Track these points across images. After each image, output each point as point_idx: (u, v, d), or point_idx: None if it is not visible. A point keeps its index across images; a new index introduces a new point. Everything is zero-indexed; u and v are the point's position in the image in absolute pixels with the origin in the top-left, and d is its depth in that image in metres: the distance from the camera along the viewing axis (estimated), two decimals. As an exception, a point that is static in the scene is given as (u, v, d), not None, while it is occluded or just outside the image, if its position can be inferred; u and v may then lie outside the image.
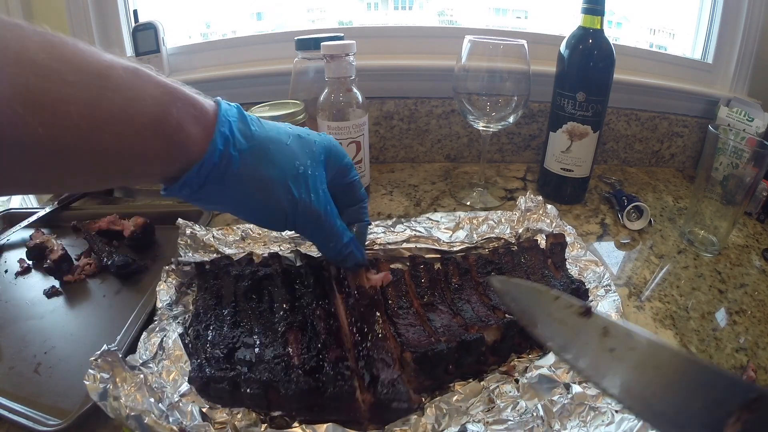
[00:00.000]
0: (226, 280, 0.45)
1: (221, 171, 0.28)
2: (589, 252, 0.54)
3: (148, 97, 0.25)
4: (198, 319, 0.42)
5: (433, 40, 0.86)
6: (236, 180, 0.29)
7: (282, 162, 0.31)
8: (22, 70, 0.20)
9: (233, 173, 0.29)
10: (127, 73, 0.24)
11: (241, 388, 0.35)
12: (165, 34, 0.82)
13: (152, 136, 0.25)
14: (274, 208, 0.31)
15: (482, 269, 0.49)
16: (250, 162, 0.29)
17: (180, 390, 0.36)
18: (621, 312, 0.44)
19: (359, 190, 0.40)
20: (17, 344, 0.45)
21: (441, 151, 0.89)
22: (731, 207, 0.58)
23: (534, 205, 0.59)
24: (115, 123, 0.24)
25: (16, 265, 0.58)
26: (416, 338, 0.38)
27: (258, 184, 0.30)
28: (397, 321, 0.40)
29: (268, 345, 0.38)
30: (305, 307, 0.40)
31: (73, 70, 0.22)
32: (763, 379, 0.42)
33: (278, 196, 0.31)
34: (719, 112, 0.81)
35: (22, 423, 0.36)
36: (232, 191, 0.29)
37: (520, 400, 0.37)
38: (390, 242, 0.55)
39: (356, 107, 0.64)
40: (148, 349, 0.39)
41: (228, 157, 0.28)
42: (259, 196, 0.30)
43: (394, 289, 0.44)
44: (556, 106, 0.68)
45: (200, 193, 0.28)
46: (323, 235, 0.35)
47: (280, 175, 0.30)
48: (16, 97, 0.20)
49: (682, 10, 0.89)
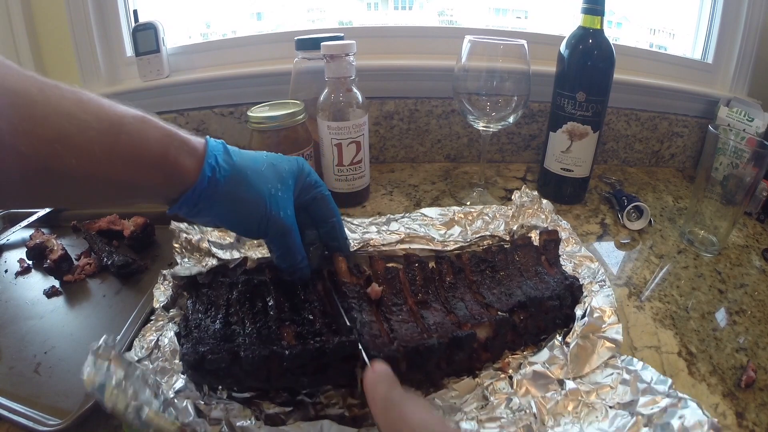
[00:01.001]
0: (219, 288, 0.45)
1: (210, 192, 0.36)
2: (584, 248, 0.54)
3: (151, 140, 0.33)
4: (188, 321, 0.42)
5: (433, 40, 0.86)
6: (222, 198, 0.36)
7: (257, 185, 0.38)
8: (60, 120, 0.28)
9: (220, 193, 0.36)
10: (136, 120, 0.32)
11: (242, 354, 0.35)
12: (165, 34, 0.82)
13: (155, 168, 0.33)
14: (251, 220, 0.39)
15: (476, 267, 0.49)
16: (232, 184, 0.37)
17: (175, 387, 0.36)
18: (615, 307, 0.44)
19: (328, 204, 0.46)
20: (17, 344, 0.45)
21: (441, 151, 0.89)
22: (731, 207, 0.58)
23: (529, 200, 0.59)
24: (127, 159, 0.31)
25: (16, 265, 0.58)
26: (408, 334, 0.39)
27: (238, 202, 0.38)
28: (391, 317, 0.41)
29: (264, 337, 0.38)
30: (298, 307, 0.41)
31: (97, 120, 0.30)
32: (763, 379, 0.42)
33: (254, 211, 0.38)
34: (719, 112, 0.81)
35: (22, 423, 0.36)
36: (219, 207, 0.37)
37: (513, 396, 0.37)
38: (384, 243, 0.55)
39: (356, 107, 0.64)
40: (144, 347, 0.40)
41: (215, 182, 0.36)
42: (240, 210, 0.38)
43: (388, 287, 0.44)
44: (556, 106, 0.68)
45: (196, 209, 0.36)
46: (285, 248, 0.41)
47: (255, 195, 0.38)
48: (58, 140, 0.28)
49: (682, 10, 0.89)
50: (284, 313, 0.40)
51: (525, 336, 0.43)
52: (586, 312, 0.43)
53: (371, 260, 0.48)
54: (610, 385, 0.37)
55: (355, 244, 0.54)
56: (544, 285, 0.47)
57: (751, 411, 0.39)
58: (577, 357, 0.39)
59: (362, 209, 0.70)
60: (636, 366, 0.38)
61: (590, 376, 0.38)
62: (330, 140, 0.65)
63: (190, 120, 0.85)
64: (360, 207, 0.71)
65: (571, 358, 0.39)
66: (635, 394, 0.36)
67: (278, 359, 0.35)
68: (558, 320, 0.45)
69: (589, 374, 0.38)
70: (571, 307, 0.45)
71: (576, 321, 0.43)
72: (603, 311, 0.43)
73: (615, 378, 0.37)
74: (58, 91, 0.29)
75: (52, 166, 0.28)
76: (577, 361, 0.39)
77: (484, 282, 0.47)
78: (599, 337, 0.41)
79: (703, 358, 0.44)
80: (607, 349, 0.40)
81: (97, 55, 0.82)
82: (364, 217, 0.61)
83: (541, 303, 0.44)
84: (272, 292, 0.42)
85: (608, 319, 0.42)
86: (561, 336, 0.42)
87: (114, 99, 0.32)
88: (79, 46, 0.80)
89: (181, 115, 0.85)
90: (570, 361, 0.39)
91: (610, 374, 0.38)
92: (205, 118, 0.85)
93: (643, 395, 0.35)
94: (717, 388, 0.41)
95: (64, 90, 0.29)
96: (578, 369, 0.39)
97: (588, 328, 0.41)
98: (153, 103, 0.84)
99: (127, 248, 0.61)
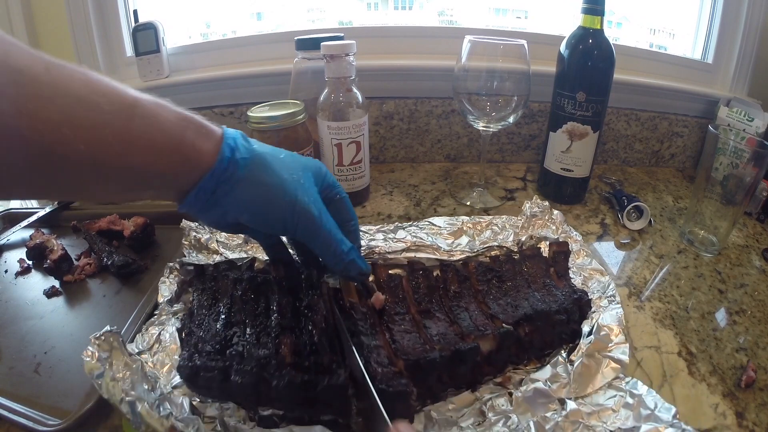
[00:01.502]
0: (224, 282, 0.44)
1: (229, 175, 0.33)
2: (594, 261, 0.52)
3: (167, 122, 0.31)
4: (192, 317, 0.42)
5: (433, 40, 0.86)
6: (242, 183, 0.34)
7: (279, 170, 0.35)
8: (68, 101, 0.26)
9: (239, 177, 0.34)
10: (150, 103, 0.30)
11: (232, 378, 0.34)
12: (165, 34, 0.82)
13: (172, 152, 0.31)
14: (275, 208, 0.35)
15: (482, 277, 0.48)
16: (252, 168, 0.34)
17: (173, 382, 0.36)
18: (623, 325, 0.42)
19: (348, 208, 0.43)
20: (17, 344, 0.45)
21: (441, 151, 0.89)
22: (731, 207, 0.58)
23: (540, 211, 0.58)
24: (142, 143, 0.29)
25: (16, 265, 0.58)
26: (410, 345, 0.38)
27: (260, 187, 0.34)
28: (393, 327, 0.40)
29: (261, 346, 0.37)
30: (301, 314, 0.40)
31: (108, 102, 0.28)
32: (763, 379, 0.42)
33: (277, 197, 0.35)
34: (719, 112, 0.81)
35: (22, 423, 0.36)
36: (239, 193, 0.34)
37: (512, 414, 0.35)
38: (390, 251, 0.54)
39: (356, 107, 0.64)
40: (146, 340, 0.40)
41: (234, 163, 0.33)
42: (262, 197, 0.35)
43: (391, 295, 0.43)
44: (556, 106, 0.68)
45: (213, 198, 0.33)
46: (321, 239, 0.37)
47: (278, 179, 0.35)
48: (65, 123, 0.26)
49: (682, 10, 0.89)
50: (286, 318, 0.40)
51: (530, 350, 0.42)
52: (593, 329, 0.41)
53: (374, 266, 0.47)
54: (612, 408, 0.36)
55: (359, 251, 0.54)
56: (551, 298, 0.45)
57: (751, 411, 0.39)
58: (581, 376, 0.38)
59: (362, 209, 0.70)
60: (640, 390, 0.36)
61: (592, 397, 0.37)
62: (330, 140, 0.65)
63: (190, 120, 0.85)
64: (360, 207, 0.71)
65: (574, 377, 0.38)
66: (637, 421, 0.34)
67: (267, 385, 0.34)
68: (564, 335, 0.43)
69: (592, 395, 0.37)
70: (578, 322, 0.44)
71: (582, 338, 0.42)
72: (611, 329, 0.41)
73: (618, 401, 0.36)
74: (67, 71, 0.27)
75: (59, 151, 0.26)
76: (580, 381, 0.38)
77: (490, 292, 0.46)
78: (604, 357, 0.39)
79: (703, 358, 0.44)
80: (612, 369, 0.38)
81: (97, 55, 0.82)
82: (366, 219, 0.61)
83: (547, 316, 0.42)
84: (276, 293, 0.42)
85: (615, 338, 0.41)
86: (566, 353, 0.41)
87: None
88: (79, 46, 0.80)
89: (181, 115, 0.85)
90: (573, 380, 0.38)
91: (613, 396, 0.37)
92: (205, 118, 0.85)
93: (646, 422, 0.34)
94: (717, 388, 0.41)
95: (73, 70, 0.27)
96: (581, 389, 0.38)
97: (594, 346, 0.40)
98: (153, 103, 0.84)
99: (127, 248, 0.61)
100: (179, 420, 0.32)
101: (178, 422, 0.32)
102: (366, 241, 0.56)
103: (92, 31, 0.80)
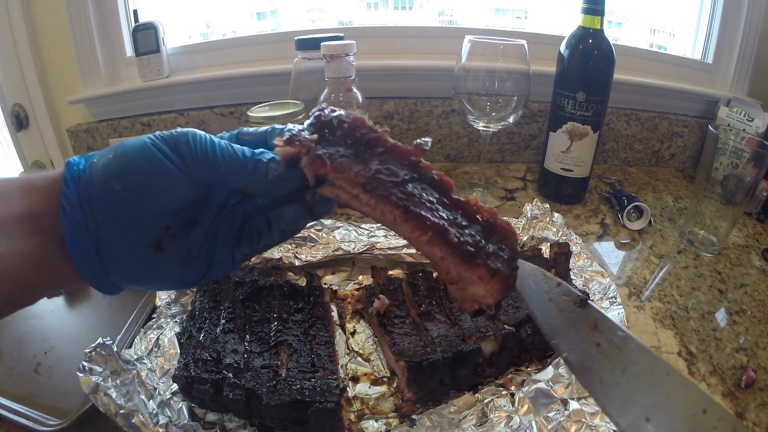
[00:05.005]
0: (226, 285, 0.44)
1: (83, 172, 0.27)
2: (595, 263, 0.52)
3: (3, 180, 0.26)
4: (192, 320, 0.42)
5: (433, 40, 0.86)
6: (97, 171, 0.27)
7: (133, 140, 0.28)
8: None
9: (97, 168, 0.27)
10: None
11: (224, 392, 0.34)
12: (165, 34, 0.82)
13: (17, 191, 0.26)
14: (139, 160, 0.27)
15: None
16: (104, 155, 0.27)
17: (172, 388, 0.36)
18: (626, 326, 0.42)
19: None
20: (17, 344, 0.45)
21: (441, 151, 0.89)
22: (731, 207, 0.58)
23: (540, 213, 0.58)
24: None
25: (16, 265, 0.58)
26: (411, 348, 0.38)
27: (120, 156, 0.27)
28: (393, 330, 0.40)
29: (258, 354, 0.37)
30: (299, 324, 0.40)
31: None
32: (763, 379, 0.42)
33: (143, 154, 0.27)
34: (719, 112, 0.81)
35: (22, 423, 0.36)
36: (101, 179, 0.27)
37: (514, 415, 0.35)
38: (391, 247, 0.54)
39: (356, 107, 0.64)
40: (144, 345, 0.39)
41: (78, 166, 0.27)
42: (123, 166, 0.27)
43: (390, 298, 0.43)
44: (556, 106, 0.68)
45: (90, 213, 0.27)
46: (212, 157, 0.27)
47: (137, 142, 0.27)
48: None
49: (682, 10, 0.89)
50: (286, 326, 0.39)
51: (532, 351, 0.42)
52: None
53: (373, 271, 0.47)
54: None
55: (360, 246, 0.54)
56: None
57: (751, 411, 0.39)
58: None
59: (362, 209, 0.70)
60: None
61: None
62: (330, 140, 0.65)
63: (190, 120, 0.85)
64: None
65: None
66: None
67: (259, 401, 0.34)
68: None
69: None
70: None
71: None
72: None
73: None
74: None
75: None
76: None
77: None
78: None
79: (703, 358, 0.44)
80: None
81: (97, 55, 0.82)
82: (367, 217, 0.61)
83: None
84: (277, 299, 0.41)
85: None
86: None
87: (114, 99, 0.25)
88: (79, 46, 0.80)
89: (181, 115, 0.85)
90: (575, 380, 0.37)
91: None
92: (205, 118, 0.85)
93: None
94: (717, 388, 0.41)
95: None
96: (583, 389, 0.37)
97: None
98: (153, 103, 0.84)
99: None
100: (179, 426, 0.32)
101: (177, 429, 0.32)
102: (366, 236, 0.56)
103: (92, 31, 0.80)
